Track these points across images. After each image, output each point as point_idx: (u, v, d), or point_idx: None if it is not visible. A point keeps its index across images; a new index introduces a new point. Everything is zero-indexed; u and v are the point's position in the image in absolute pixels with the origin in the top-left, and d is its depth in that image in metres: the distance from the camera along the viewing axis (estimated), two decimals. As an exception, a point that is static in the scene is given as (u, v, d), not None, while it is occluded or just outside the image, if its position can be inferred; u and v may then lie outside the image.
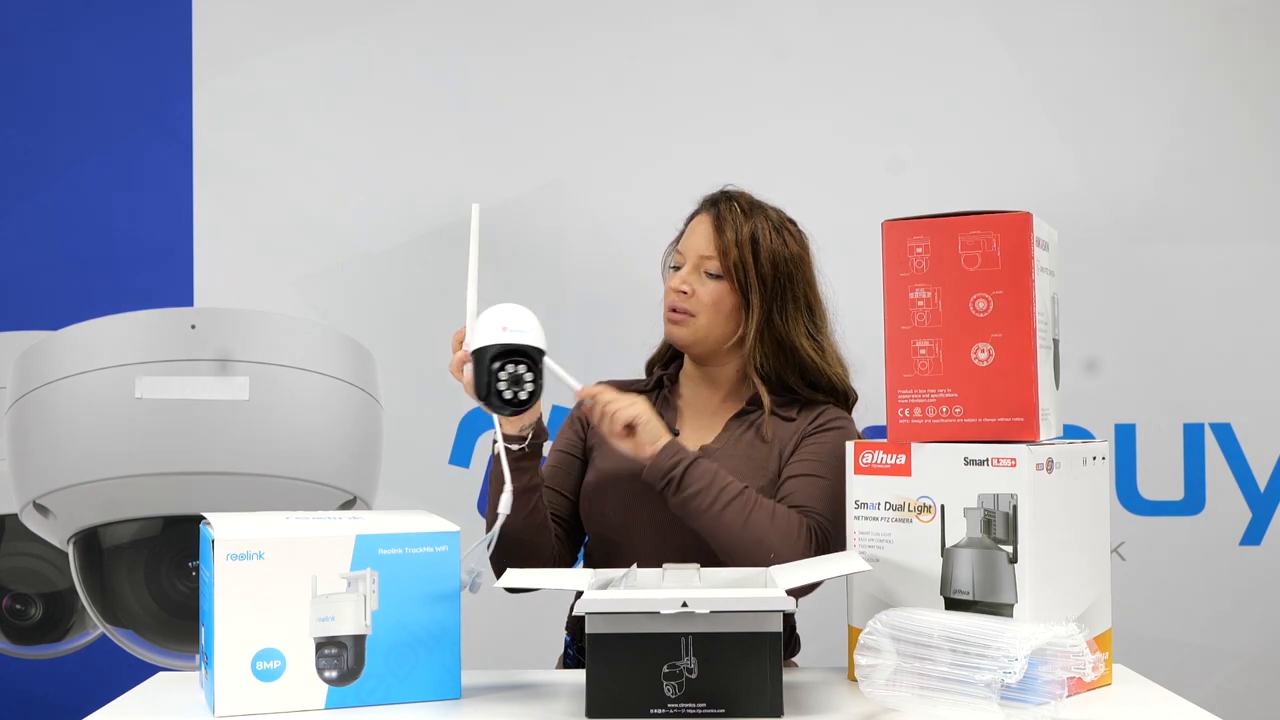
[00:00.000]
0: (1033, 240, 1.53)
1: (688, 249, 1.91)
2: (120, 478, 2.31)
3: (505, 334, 1.60)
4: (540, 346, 1.62)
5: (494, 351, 1.59)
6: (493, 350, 1.60)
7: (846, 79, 2.77)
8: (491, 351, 1.60)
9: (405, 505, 1.90)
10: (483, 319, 1.63)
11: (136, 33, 2.79)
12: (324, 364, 2.43)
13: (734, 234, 1.87)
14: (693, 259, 1.89)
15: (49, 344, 2.39)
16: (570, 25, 2.80)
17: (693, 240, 1.91)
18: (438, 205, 2.77)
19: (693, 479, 1.73)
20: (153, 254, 2.77)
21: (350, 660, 1.47)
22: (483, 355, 1.60)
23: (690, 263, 1.89)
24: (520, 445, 1.75)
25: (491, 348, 1.60)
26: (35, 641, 2.73)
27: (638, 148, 2.76)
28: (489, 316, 1.63)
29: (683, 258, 1.91)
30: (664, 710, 1.40)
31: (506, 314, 1.62)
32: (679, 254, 1.92)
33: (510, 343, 1.59)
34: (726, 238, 1.87)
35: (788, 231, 1.91)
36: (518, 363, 1.60)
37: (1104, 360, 2.71)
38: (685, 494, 1.73)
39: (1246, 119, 2.76)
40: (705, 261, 1.88)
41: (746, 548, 1.71)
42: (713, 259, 1.88)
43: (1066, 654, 1.37)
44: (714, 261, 1.88)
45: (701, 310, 1.88)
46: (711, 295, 1.88)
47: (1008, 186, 2.68)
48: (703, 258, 1.89)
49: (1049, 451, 1.52)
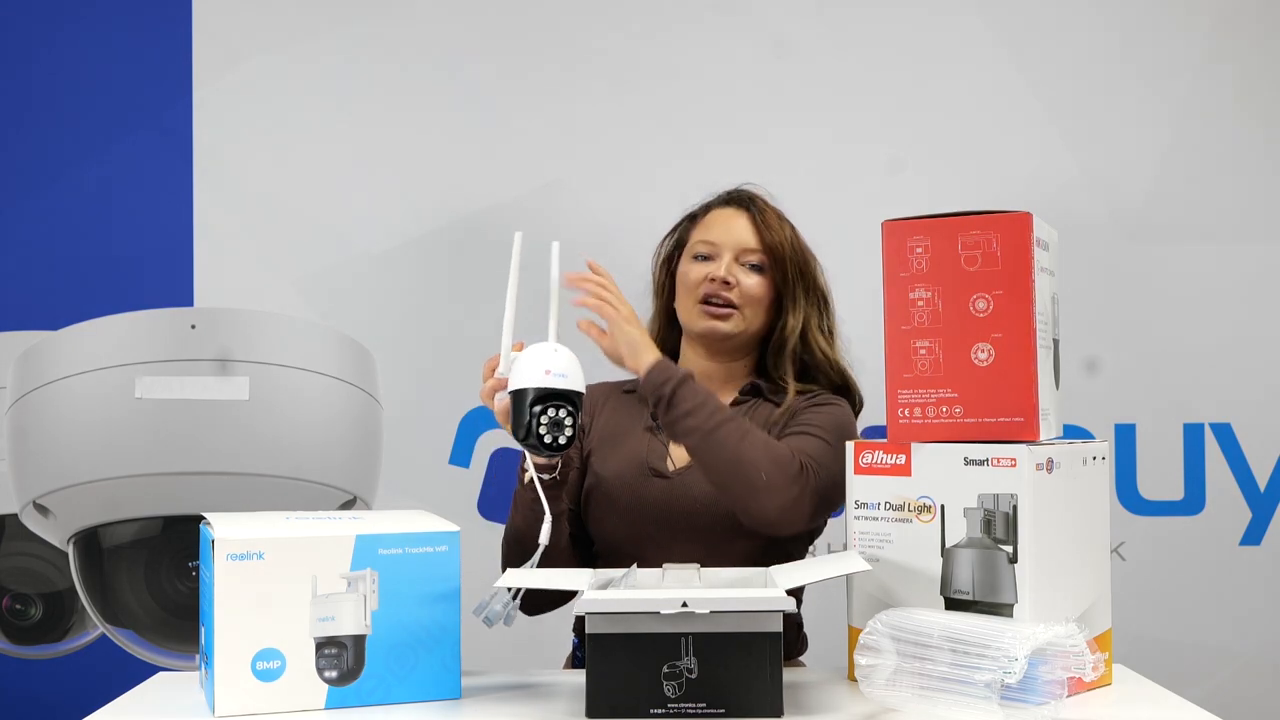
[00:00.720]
0: (1033, 240, 1.53)
1: (722, 240, 1.90)
2: (120, 478, 2.31)
3: (548, 378, 1.58)
4: (581, 390, 1.61)
5: (535, 395, 1.58)
6: (534, 394, 1.58)
7: (847, 79, 2.77)
8: (532, 395, 1.58)
9: (405, 505, 1.90)
10: (524, 358, 1.61)
11: (136, 32, 2.79)
12: (324, 364, 2.43)
13: (779, 233, 1.90)
14: (731, 251, 1.89)
15: (49, 344, 2.39)
16: (570, 26, 2.80)
17: (728, 232, 1.91)
18: (438, 205, 2.77)
19: (683, 397, 1.71)
20: (153, 254, 2.77)
21: (350, 660, 1.47)
22: (523, 397, 1.59)
23: (729, 254, 1.89)
24: (551, 475, 1.74)
25: (533, 391, 1.58)
26: (35, 641, 2.73)
27: (637, 148, 2.76)
28: (531, 356, 1.61)
29: (715, 248, 1.90)
30: (664, 710, 1.40)
31: (549, 356, 1.60)
32: (709, 244, 1.91)
33: (553, 387, 1.58)
34: (775, 232, 1.89)
35: (799, 232, 1.95)
36: (559, 407, 1.59)
37: (1104, 360, 2.71)
38: (676, 411, 1.71)
39: (1246, 119, 2.76)
40: (746, 254, 1.89)
41: (738, 469, 1.69)
42: (755, 252, 1.89)
43: (1066, 654, 1.37)
44: (756, 255, 1.89)
45: (746, 303, 1.88)
46: (757, 288, 1.89)
47: (1007, 186, 2.68)
48: (745, 250, 1.89)
49: (1049, 451, 1.52)
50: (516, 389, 1.59)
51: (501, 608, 1.51)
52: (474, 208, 2.77)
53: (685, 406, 1.70)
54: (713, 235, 1.92)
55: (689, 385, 1.72)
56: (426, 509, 1.66)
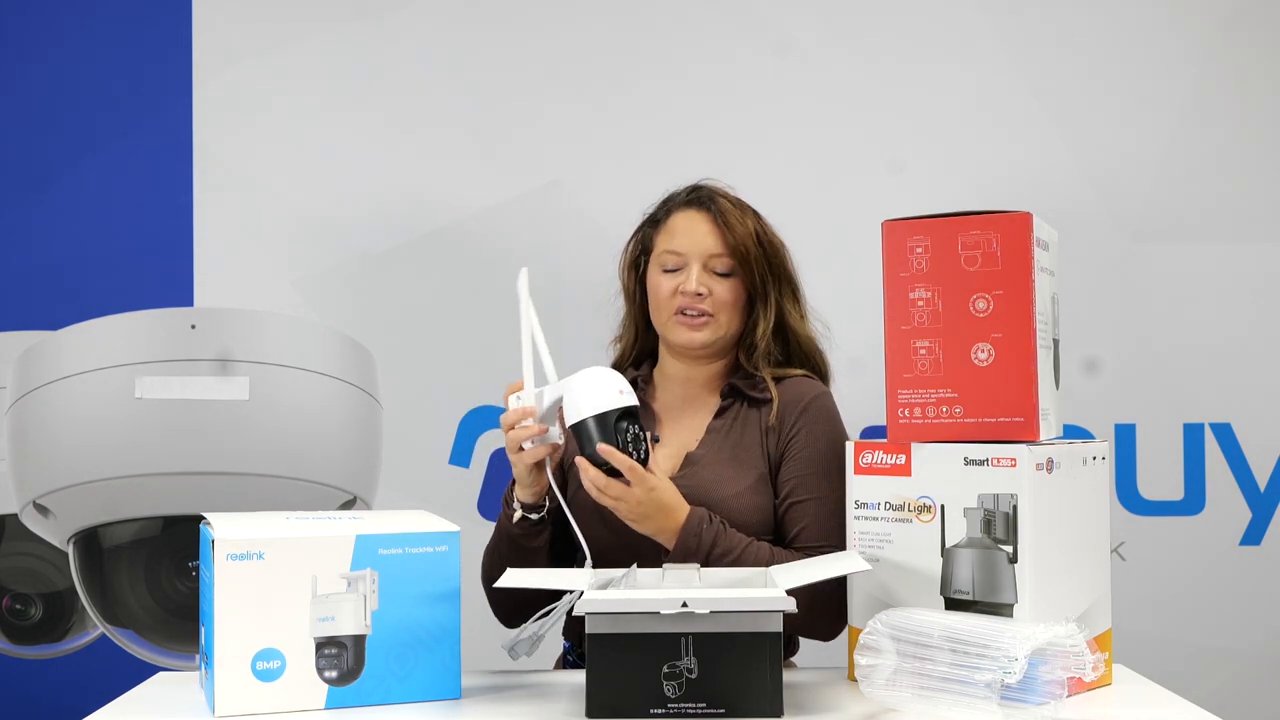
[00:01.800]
0: (1033, 240, 1.53)
1: (688, 249, 1.85)
2: (120, 478, 2.30)
3: (622, 397, 1.67)
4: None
5: (617, 414, 1.66)
6: (616, 413, 1.66)
7: (847, 79, 2.77)
8: (615, 415, 1.65)
9: (405, 505, 1.90)
10: (589, 383, 1.67)
11: (136, 33, 2.80)
12: (324, 364, 2.43)
13: (742, 229, 1.85)
14: (698, 259, 1.85)
15: (49, 344, 2.39)
16: (570, 26, 2.80)
17: (692, 239, 1.86)
18: (438, 205, 2.77)
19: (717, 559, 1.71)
20: (153, 254, 2.77)
21: (350, 660, 1.47)
22: (607, 419, 1.65)
23: (697, 262, 1.85)
24: (540, 514, 1.77)
25: (615, 411, 1.66)
26: (35, 641, 2.73)
27: (637, 148, 2.76)
28: (596, 380, 1.68)
29: (681, 258, 1.86)
30: (664, 710, 1.40)
31: (614, 378, 1.69)
32: (675, 255, 1.86)
33: (631, 405, 1.67)
34: (738, 235, 1.84)
35: (763, 218, 1.91)
36: (633, 423, 1.67)
37: (1104, 360, 2.72)
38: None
39: (1246, 119, 2.77)
40: (713, 260, 1.85)
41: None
42: (721, 257, 1.85)
43: (1066, 654, 1.37)
44: (723, 260, 1.84)
45: (720, 310, 1.85)
46: (729, 294, 1.85)
47: (1007, 186, 2.68)
48: (711, 256, 1.85)
49: (1049, 451, 1.52)
50: (598, 412, 1.65)
51: (530, 642, 1.52)
52: (474, 208, 2.77)
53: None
54: (677, 244, 1.87)
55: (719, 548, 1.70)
56: (426, 509, 1.66)
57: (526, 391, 1.72)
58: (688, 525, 1.70)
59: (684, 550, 1.69)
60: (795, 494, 1.80)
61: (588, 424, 1.65)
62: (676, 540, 1.70)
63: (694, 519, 1.70)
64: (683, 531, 1.69)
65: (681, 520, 1.70)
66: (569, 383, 1.68)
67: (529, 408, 1.70)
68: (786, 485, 1.81)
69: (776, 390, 1.85)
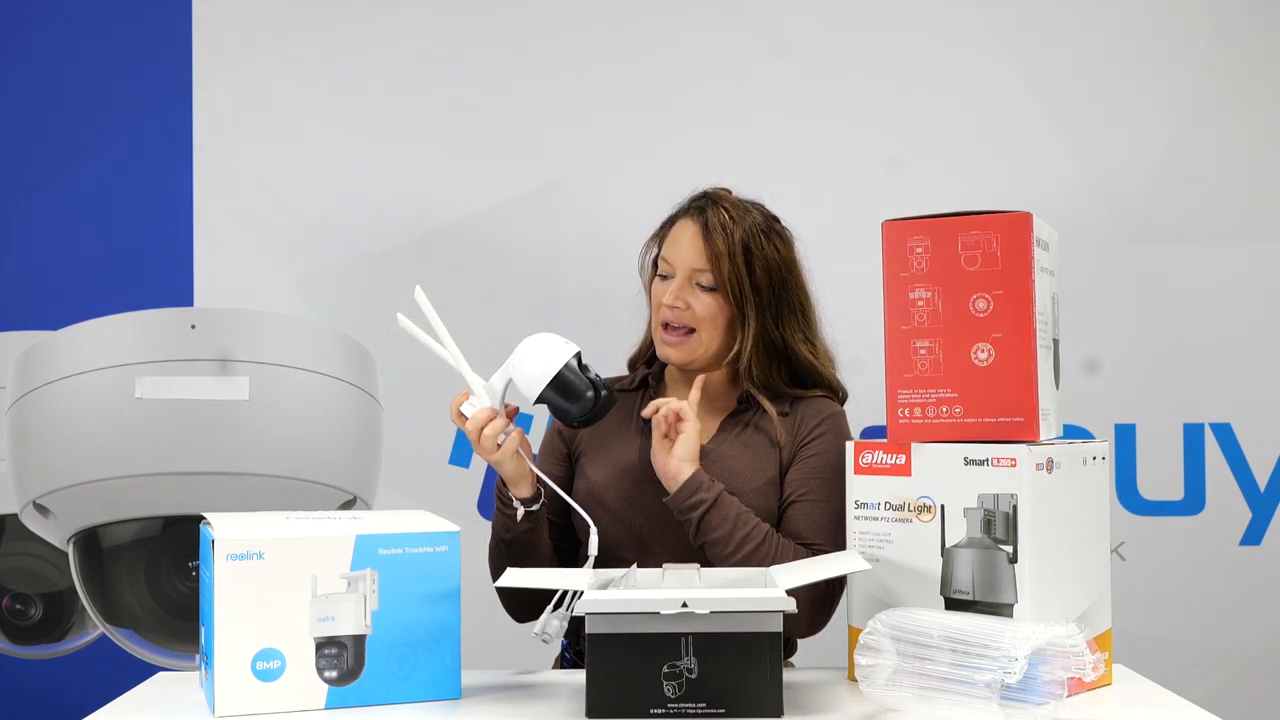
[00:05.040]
0: (1033, 240, 1.53)
1: (676, 259, 1.82)
2: (120, 478, 2.30)
3: (569, 345, 1.68)
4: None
5: (578, 357, 1.68)
6: (577, 356, 1.68)
7: (847, 80, 2.77)
8: (578, 359, 1.68)
9: (405, 505, 1.90)
10: (535, 349, 1.69)
11: (137, 32, 2.80)
12: (324, 364, 2.43)
13: (726, 244, 1.78)
14: (683, 270, 1.81)
15: (49, 344, 2.39)
16: (570, 27, 2.80)
17: (680, 249, 1.82)
18: (438, 205, 2.77)
19: (712, 524, 1.71)
20: (153, 254, 2.77)
21: (350, 660, 1.47)
22: (575, 365, 1.67)
23: (681, 274, 1.81)
24: (534, 505, 1.76)
25: (576, 355, 1.68)
26: (35, 641, 2.73)
27: (637, 149, 2.76)
28: (539, 344, 1.69)
29: (670, 267, 1.83)
30: (664, 710, 1.40)
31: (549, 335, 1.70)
32: (665, 263, 1.83)
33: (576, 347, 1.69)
34: (718, 248, 1.78)
35: (776, 234, 1.84)
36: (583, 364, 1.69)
37: (1104, 360, 2.71)
38: (705, 539, 1.72)
39: (1246, 119, 2.76)
40: (697, 274, 1.80)
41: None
42: (705, 271, 1.79)
43: (1066, 654, 1.37)
44: (706, 274, 1.80)
45: (698, 325, 1.81)
46: (707, 309, 1.80)
47: (1007, 186, 2.68)
48: (694, 269, 1.80)
49: (1049, 451, 1.52)
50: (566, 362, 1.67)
51: (560, 623, 1.52)
52: (474, 207, 2.77)
53: (713, 535, 1.71)
54: (669, 252, 1.83)
55: (717, 511, 1.72)
56: (426, 509, 1.66)
57: (477, 393, 1.71)
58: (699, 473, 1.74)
59: (695, 484, 1.72)
60: (798, 494, 1.80)
61: (564, 375, 1.66)
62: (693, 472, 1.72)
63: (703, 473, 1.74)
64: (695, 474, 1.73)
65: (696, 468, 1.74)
66: (513, 363, 1.69)
67: (489, 407, 1.71)
68: (790, 485, 1.81)
69: (794, 407, 1.85)
